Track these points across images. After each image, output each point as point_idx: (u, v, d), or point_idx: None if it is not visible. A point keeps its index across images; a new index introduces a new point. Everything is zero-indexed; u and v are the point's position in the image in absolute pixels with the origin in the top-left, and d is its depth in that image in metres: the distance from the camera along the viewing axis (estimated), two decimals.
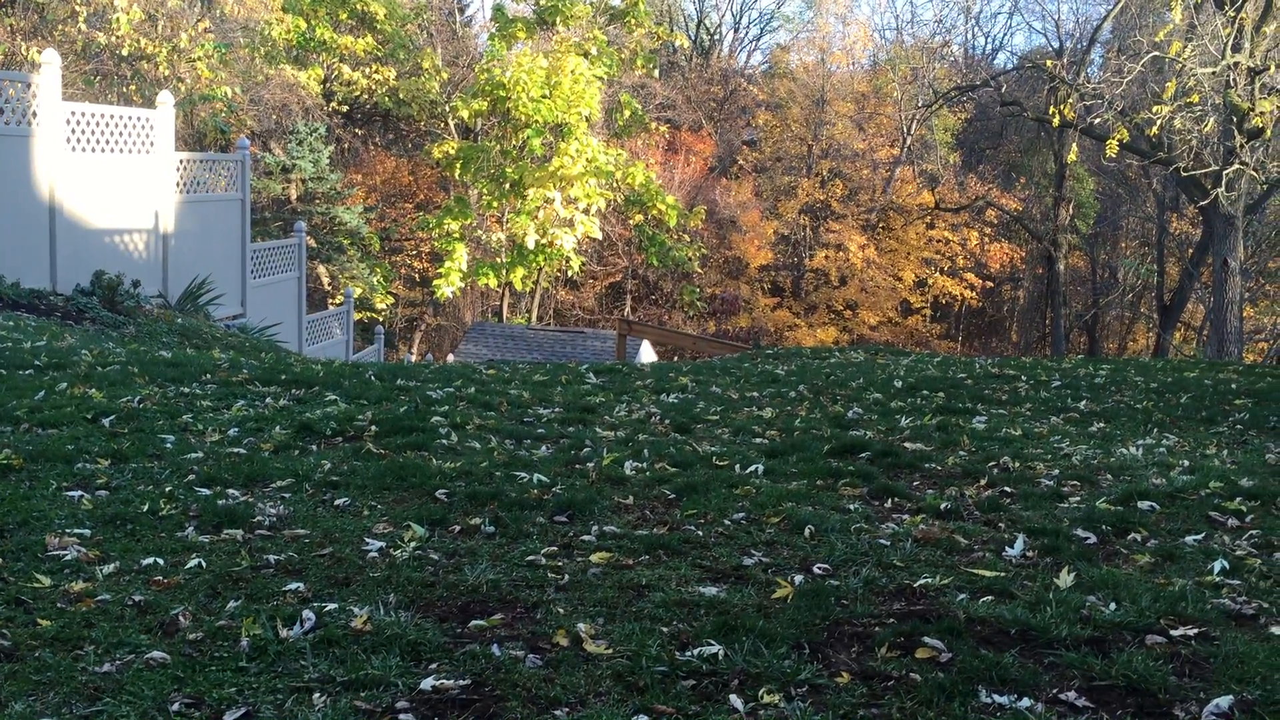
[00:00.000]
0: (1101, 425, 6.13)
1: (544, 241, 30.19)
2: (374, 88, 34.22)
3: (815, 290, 54.22)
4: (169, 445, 4.60)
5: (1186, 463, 4.89)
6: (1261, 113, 19.00)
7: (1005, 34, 75.53)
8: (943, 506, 4.00)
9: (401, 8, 36.34)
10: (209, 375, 6.36)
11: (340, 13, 33.69)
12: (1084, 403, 6.90)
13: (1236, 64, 18.21)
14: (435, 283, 32.39)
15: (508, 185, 30.77)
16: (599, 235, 31.92)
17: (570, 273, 34.23)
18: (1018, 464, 4.81)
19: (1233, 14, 17.60)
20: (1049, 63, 19.83)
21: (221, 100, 19.49)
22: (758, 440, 5.30)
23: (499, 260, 32.76)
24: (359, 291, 32.97)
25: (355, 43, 33.38)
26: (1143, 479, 4.53)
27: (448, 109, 34.38)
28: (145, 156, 13.90)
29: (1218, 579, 3.28)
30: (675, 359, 27.12)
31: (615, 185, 32.21)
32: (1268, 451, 5.39)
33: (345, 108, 34.91)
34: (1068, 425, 6.11)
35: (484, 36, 40.66)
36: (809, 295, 54.49)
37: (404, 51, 35.43)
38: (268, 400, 5.81)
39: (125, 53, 17.62)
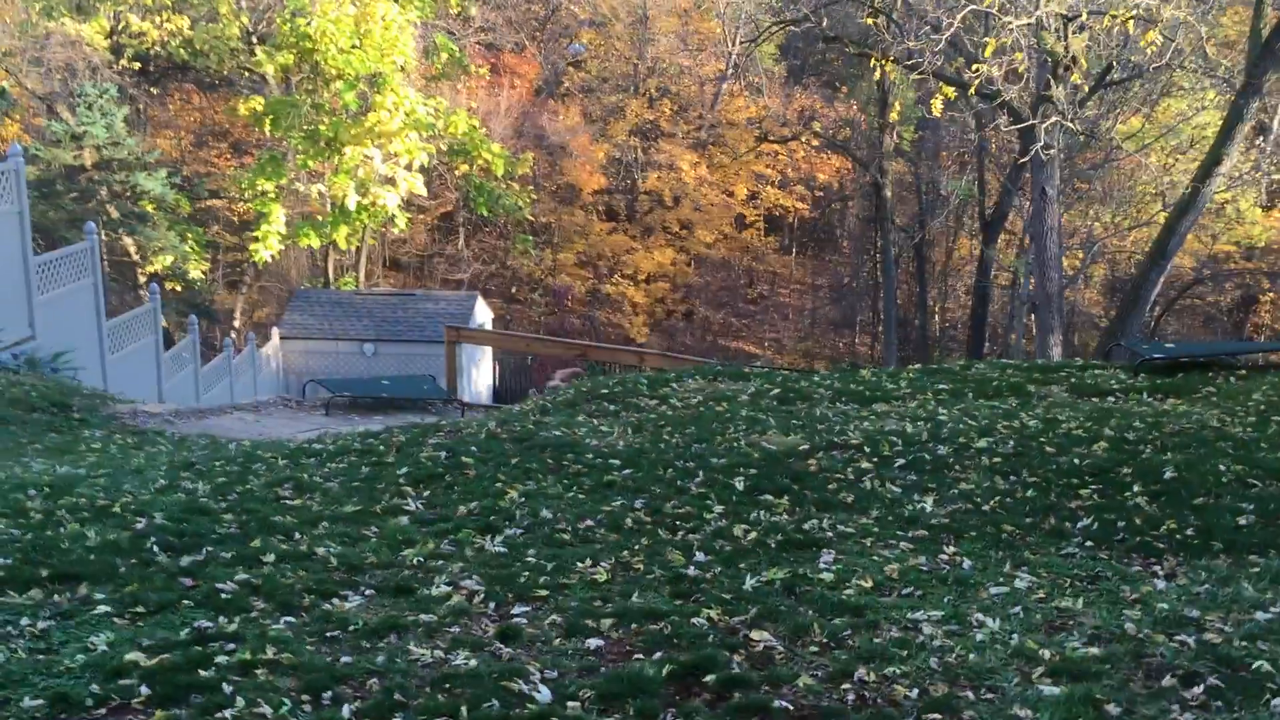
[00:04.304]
0: (952, 550, 5.84)
1: (366, 202, 28.82)
2: (166, 39, 31.77)
3: (649, 212, 53.91)
4: None
5: (1048, 654, 4.59)
6: (1074, 54, 19.18)
7: None
8: None
9: None
10: None
11: None
12: (930, 501, 6.62)
13: (1052, 12, 18.21)
14: (251, 247, 30.75)
15: (323, 143, 29.14)
16: (424, 192, 30.65)
17: (396, 230, 32.87)
18: (873, 677, 4.43)
19: None
20: (868, 20, 19.53)
21: None
22: (591, 644, 4.79)
23: (320, 218, 31.20)
24: (170, 260, 31.08)
25: None
26: (1009, 700, 4.20)
27: (252, 60, 32.23)
28: None
29: None
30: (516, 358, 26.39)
31: (437, 135, 30.89)
32: (1122, 600, 5.16)
33: (137, 64, 32.35)
34: (917, 554, 5.80)
35: None
36: (644, 217, 54.14)
37: None
38: (24, 622, 5.00)
39: None
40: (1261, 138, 23.03)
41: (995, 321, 43.04)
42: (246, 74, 34.85)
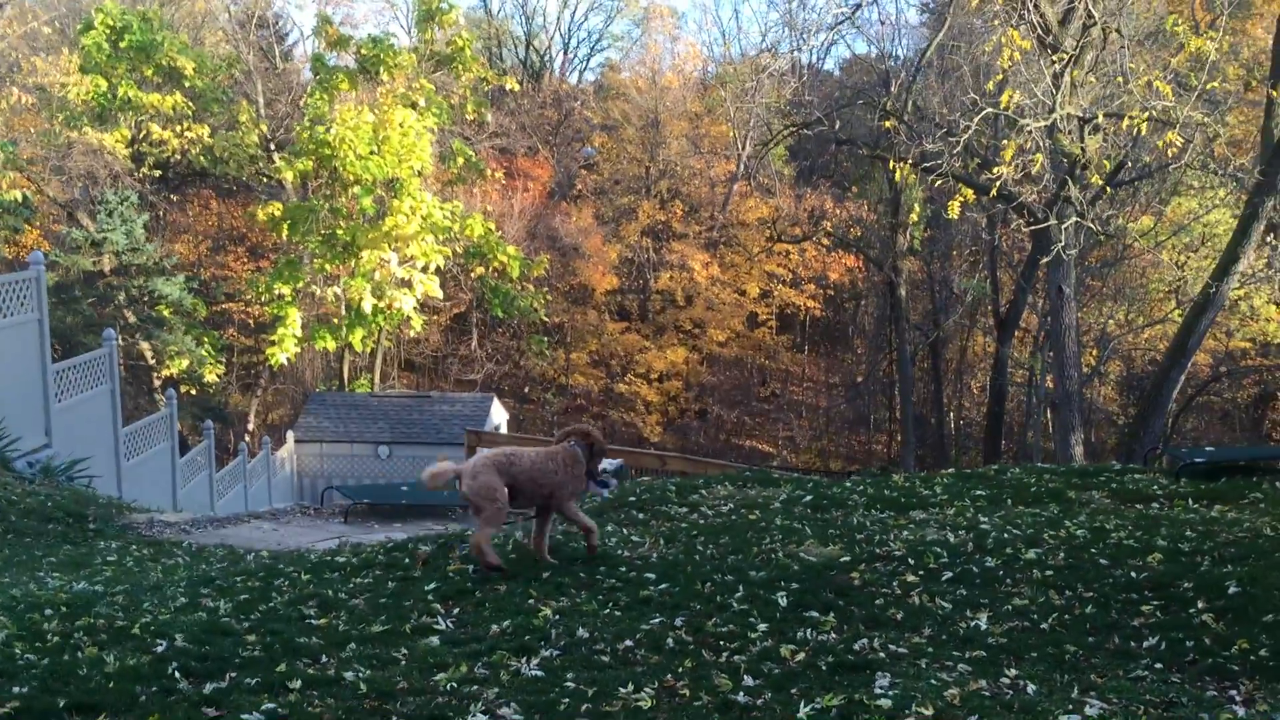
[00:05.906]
0: (1014, 673, 5.55)
1: (382, 305, 28.88)
2: (187, 147, 32.22)
3: (662, 311, 54.13)
4: None
5: None
6: (1089, 157, 19.24)
7: (828, 46, 76.34)
8: None
9: (212, 59, 34.41)
10: None
11: (145, 69, 31.61)
12: (984, 617, 6.33)
13: (1068, 115, 18.32)
14: (268, 350, 30.75)
15: (340, 247, 29.33)
16: (440, 295, 30.74)
17: (412, 332, 32.90)
18: None
19: (1059, 68, 17.69)
20: (887, 123, 19.74)
21: (9, 209, 17.75)
22: None
23: (336, 321, 31.26)
24: (186, 364, 31.08)
25: (163, 100, 31.36)
26: None
27: (271, 167, 32.65)
28: None
29: None
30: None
31: (453, 237, 31.10)
32: None
33: (157, 172, 32.78)
34: (977, 677, 5.51)
35: (308, 69, 38.83)
36: (656, 317, 54.33)
37: (218, 105, 33.51)
38: None
39: None
40: (1273, 235, 22.96)
41: (1012, 420, 42.73)
42: (265, 180, 35.29)
